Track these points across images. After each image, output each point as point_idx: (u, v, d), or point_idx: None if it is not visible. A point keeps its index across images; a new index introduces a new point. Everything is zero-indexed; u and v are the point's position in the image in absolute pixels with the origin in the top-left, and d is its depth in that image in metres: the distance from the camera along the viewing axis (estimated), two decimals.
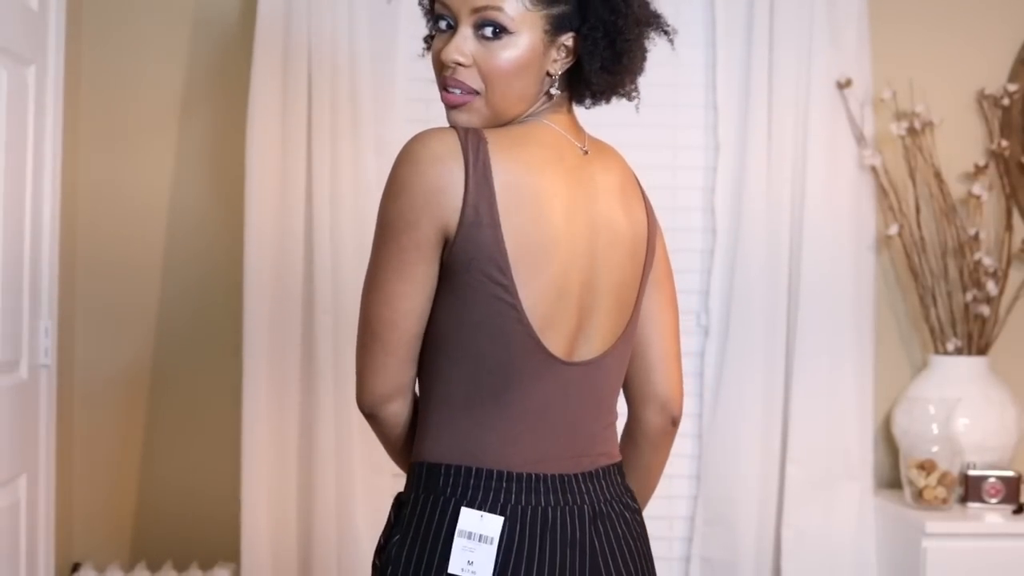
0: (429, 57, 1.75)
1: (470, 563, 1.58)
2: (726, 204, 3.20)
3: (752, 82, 3.16)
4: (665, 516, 3.24)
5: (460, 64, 1.63)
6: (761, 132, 3.16)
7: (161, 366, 3.19)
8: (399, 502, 1.68)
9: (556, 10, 1.65)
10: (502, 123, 1.67)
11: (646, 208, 1.79)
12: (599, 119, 3.44)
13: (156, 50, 3.18)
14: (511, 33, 1.63)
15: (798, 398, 3.14)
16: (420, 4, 1.78)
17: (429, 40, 1.76)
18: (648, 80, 3.57)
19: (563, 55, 1.68)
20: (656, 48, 1.83)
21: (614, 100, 1.81)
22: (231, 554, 3.10)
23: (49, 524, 2.88)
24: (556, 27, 1.65)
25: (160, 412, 3.19)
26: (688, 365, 3.25)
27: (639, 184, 1.81)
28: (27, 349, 2.75)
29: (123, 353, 3.18)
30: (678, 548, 3.25)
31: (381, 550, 1.67)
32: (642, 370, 1.78)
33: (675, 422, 1.83)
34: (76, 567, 3.06)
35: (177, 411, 3.18)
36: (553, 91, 1.69)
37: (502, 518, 1.59)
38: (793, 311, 3.16)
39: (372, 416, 1.67)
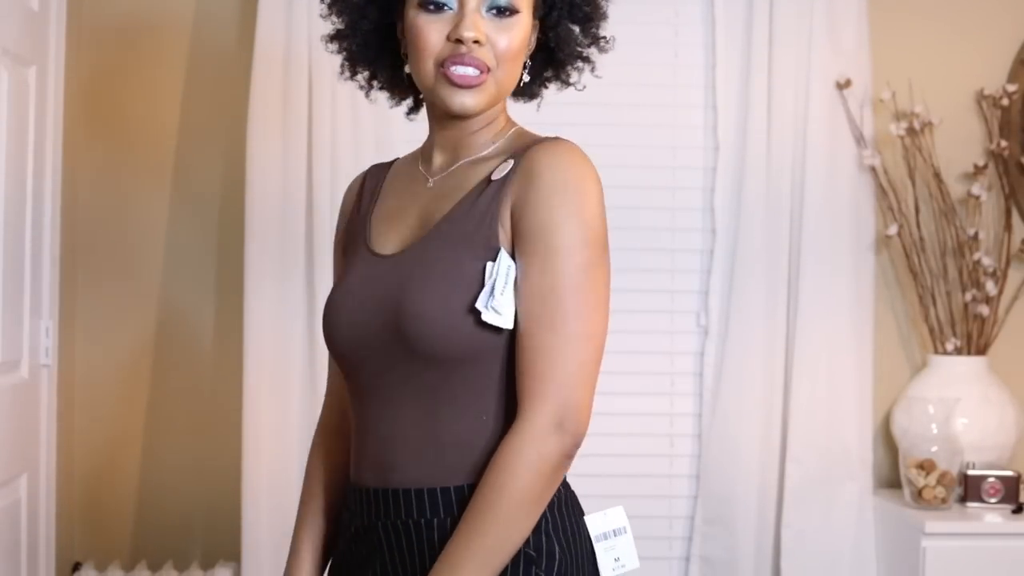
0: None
1: (617, 560, 1.60)
2: (726, 204, 3.20)
3: (752, 82, 3.16)
4: (665, 516, 3.25)
5: (477, 42, 1.59)
6: (761, 132, 3.16)
7: (161, 366, 3.19)
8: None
9: None
10: (488, 109, 1.65)
11: None
12: (600, 120, 3.46)
13: (157, 50, 3.18)
14: (518, 12, 1.63)
15: (797, 398, 3.14)
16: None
17: (351, 36, 1.72)
18: (648, 80, 3.59)
19: (533, 42, 1.69)
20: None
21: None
22: (231, 554, 3.10)
23: (49, 524, 2.88)
24: (537, 9, 1.67)
25: (160, 412, 3.19)
26: (688, 365, 3.26)
27: None
28: (27, 349, 2.75)
29: (123, 353, 3.18)
30: (678, 548, 3.25)
31: None
32: None
33: None
34: (76, 567, 3.06)
35: (177, 411, 3.19)
36: (525, 76, 1.70)
37: (621, 507, 1.63)
38: (792, 311, 3.16)
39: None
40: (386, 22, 1.70)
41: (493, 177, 1.60)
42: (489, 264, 1.53)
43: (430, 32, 1.60)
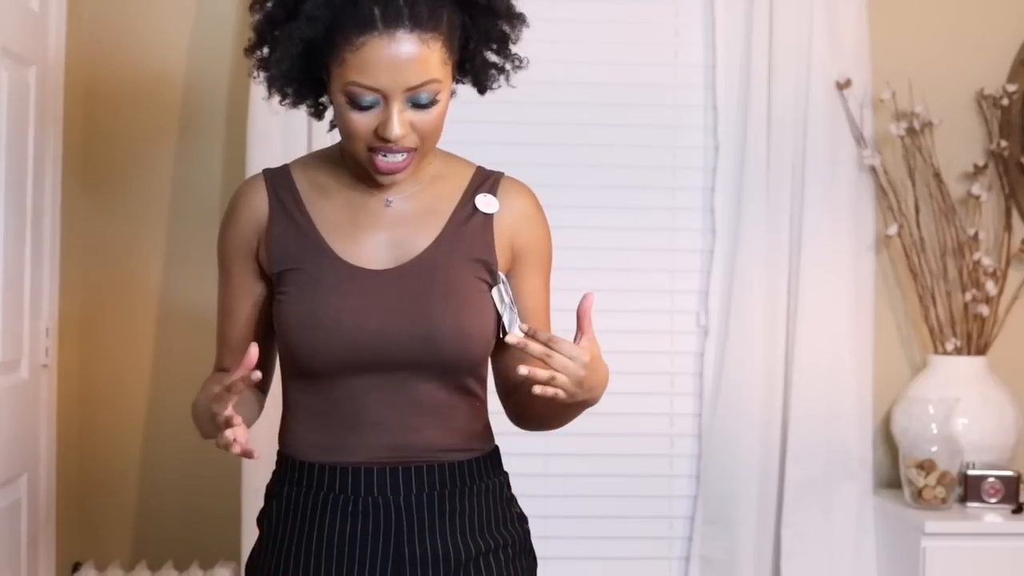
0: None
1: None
2: (726, 204, 3.21)
3: (752, 82, 3.16)
4: (665, 516, 3.25)
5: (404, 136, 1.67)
6: (761, 132, 3.16)
7: (161, 366, 3.19)
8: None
9: (454, 44, 1.70)
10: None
11: None
12: (600, 119, 3.45)
13: (157, 50, 3.18)
14: (438, 102, 1.68)
15: (797, 397, 3.14)
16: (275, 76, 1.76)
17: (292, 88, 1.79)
18: (648, 80, 3.58)
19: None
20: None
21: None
22: (232, 553, 3.10)
23: (49, 524, 2.88)
24: (452, 54, 1.71)
25: (160, 412, 3.19)
26: (688, 365, 3.26)
27: None
28: (27, 349, 2.75)
29: (123, 353, 3.18)
30: (678, 548, 3.25)
31: None
32: None
33: None
34: (76, 567, 3.06)
35: (177, 410, 3.18)
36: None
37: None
38: (792, 311, 3.17)
39: None
40: (311, 57, 1.74)
41: (480, 207, 1.78)
42: (498, 290, 1.76)
43: (359, 125, 1.68)
